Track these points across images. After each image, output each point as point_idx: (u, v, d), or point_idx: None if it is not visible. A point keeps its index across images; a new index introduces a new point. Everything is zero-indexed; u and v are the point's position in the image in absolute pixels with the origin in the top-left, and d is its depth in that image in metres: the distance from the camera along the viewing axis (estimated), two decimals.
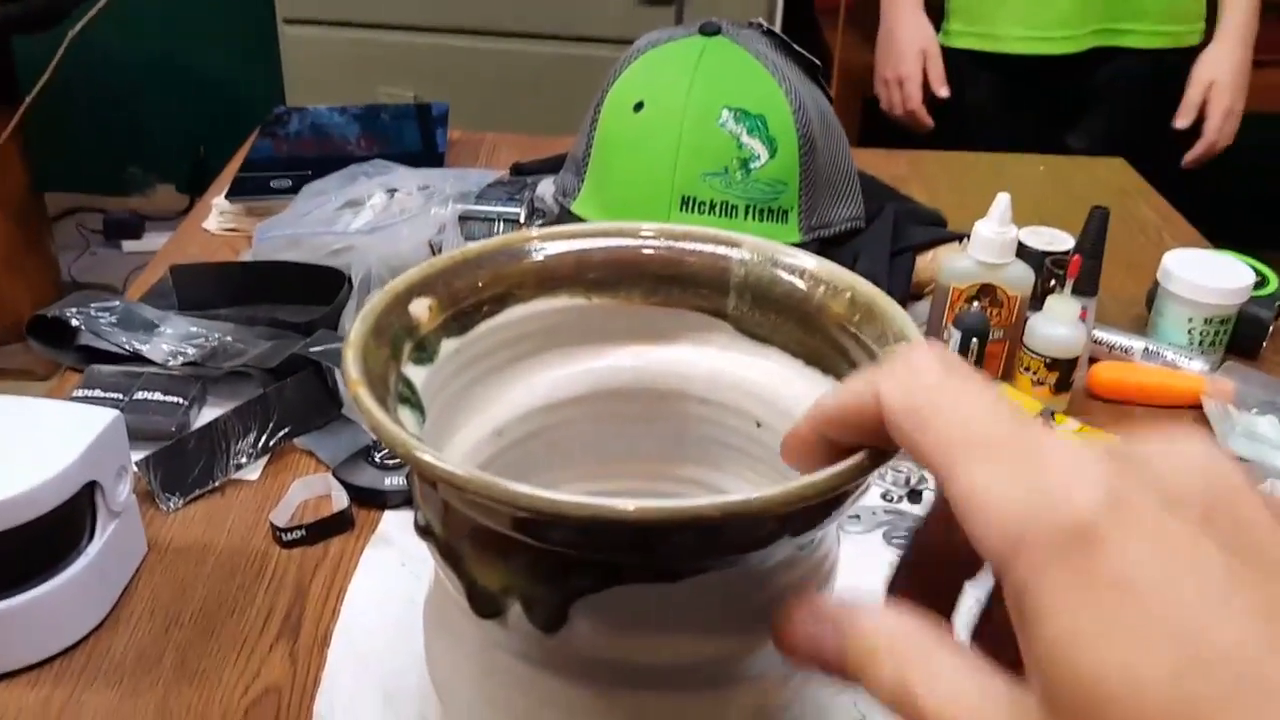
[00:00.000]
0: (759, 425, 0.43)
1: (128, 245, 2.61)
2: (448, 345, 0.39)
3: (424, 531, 0.35)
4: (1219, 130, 1.46)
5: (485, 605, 0.32)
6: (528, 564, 0.31)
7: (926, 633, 0.25)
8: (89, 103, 2.55)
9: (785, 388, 0.41)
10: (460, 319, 0.40)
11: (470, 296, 0.40)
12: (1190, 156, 1.48)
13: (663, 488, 0.46)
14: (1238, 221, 1.05)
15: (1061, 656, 0.21)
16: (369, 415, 0.31)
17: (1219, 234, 1.06)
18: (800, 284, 0.40)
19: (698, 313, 0.42)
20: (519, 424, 0.43)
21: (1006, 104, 1.54)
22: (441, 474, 0.28)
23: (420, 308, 0.38)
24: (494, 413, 0.42)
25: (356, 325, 0.35)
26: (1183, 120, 1.46)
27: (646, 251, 0.42)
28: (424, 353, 0.38)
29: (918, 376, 0.26)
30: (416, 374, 0.37)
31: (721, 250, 0.42)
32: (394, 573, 0.62)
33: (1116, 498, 0.21)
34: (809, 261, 0.40)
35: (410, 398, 0.36)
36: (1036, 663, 0.21)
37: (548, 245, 0.42)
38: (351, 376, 0.32)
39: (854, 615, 0.26)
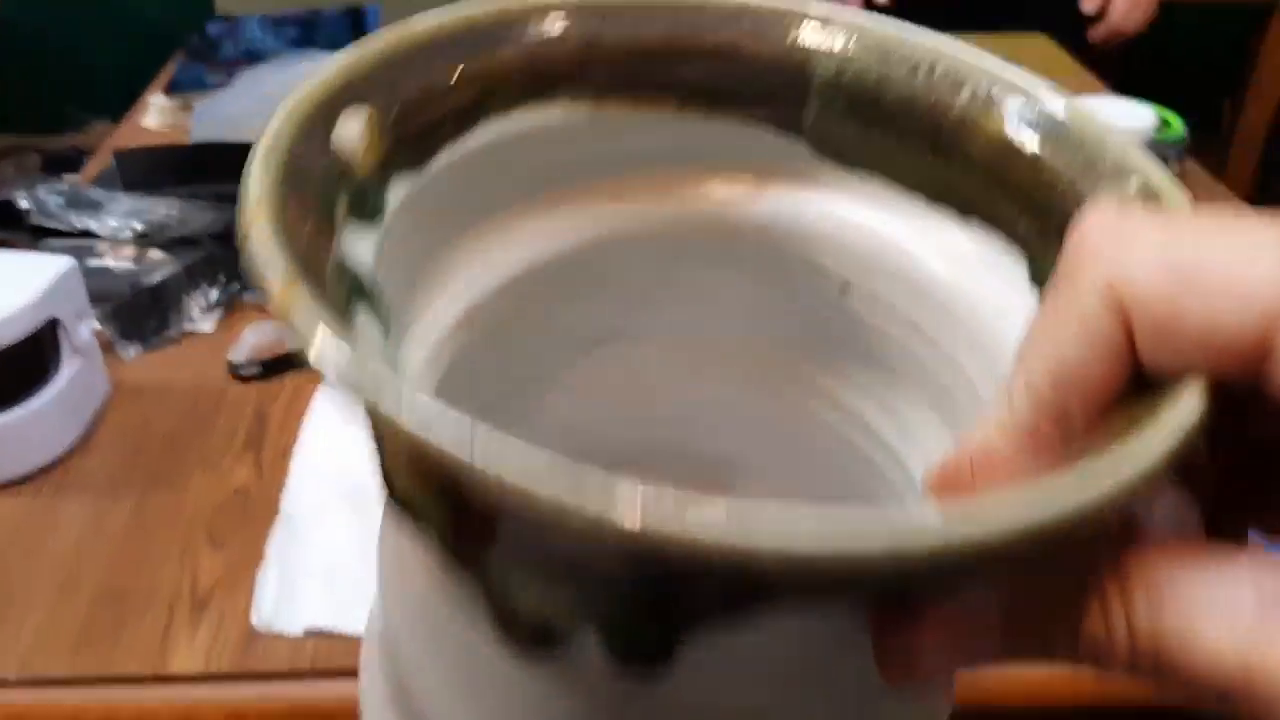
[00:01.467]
0: (845, 290, 0.29)
1: (70, 180, 2.59)
2: (397, 189, 0.24)
3: (404, 506, 0.20)
4: (1125, 16, 1.42)
5: (531, 635, 0.19)
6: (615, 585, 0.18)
7: (1161, 553, 0.16)
8: (18, 39, 2.52)
9: (893, 237, 0.28)
10: (412, 144, 0.25)
11: (425, 106, 0.25)
12: (1094, 34, 1.44)
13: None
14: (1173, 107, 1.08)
15: None
16: (308, 340, 0.16)
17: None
18: (928, 85, 0.26)
19: (760, 126, 0.28)
20: (493, 302, 0.28)
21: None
22: (509, 483, 0.14)
23: (351, 131, 0.23)
24: (459, 289, 0.28)
25: (254, 173, 0.20)
26: (1089, 4, 1.43)
27: (685, 34, 0.27)
28: (365, 205, 0.23)
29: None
30: (362, 242, 0.22)
31: (801, 32, 0.27)
32: (342, 422, 0.65)
33: None
34: (948, 48, 0.26)
35: (361, 286, 0.22)
36: None
37: (540, 22, 0.26)
38: (274, 276, 0.17)
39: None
